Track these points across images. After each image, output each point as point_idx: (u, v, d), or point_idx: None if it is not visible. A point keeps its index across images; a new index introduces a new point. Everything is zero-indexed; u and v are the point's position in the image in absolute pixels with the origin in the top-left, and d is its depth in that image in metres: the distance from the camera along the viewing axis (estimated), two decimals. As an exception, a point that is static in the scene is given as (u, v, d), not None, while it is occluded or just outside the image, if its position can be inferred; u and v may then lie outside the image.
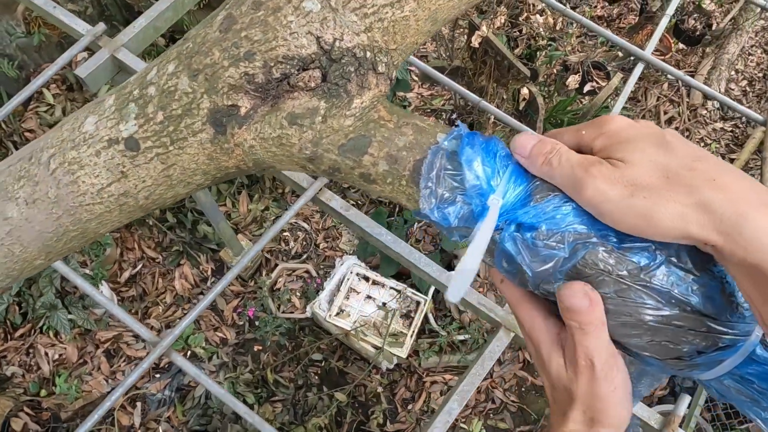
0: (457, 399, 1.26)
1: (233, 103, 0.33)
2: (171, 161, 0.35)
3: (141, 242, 2.79)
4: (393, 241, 1.36)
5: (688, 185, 0.32)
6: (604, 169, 0.33)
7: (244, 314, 2.75)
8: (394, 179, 0.34)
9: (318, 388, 2.72)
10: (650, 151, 0.33)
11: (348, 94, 0.33)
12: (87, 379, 2.45)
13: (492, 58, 1.82)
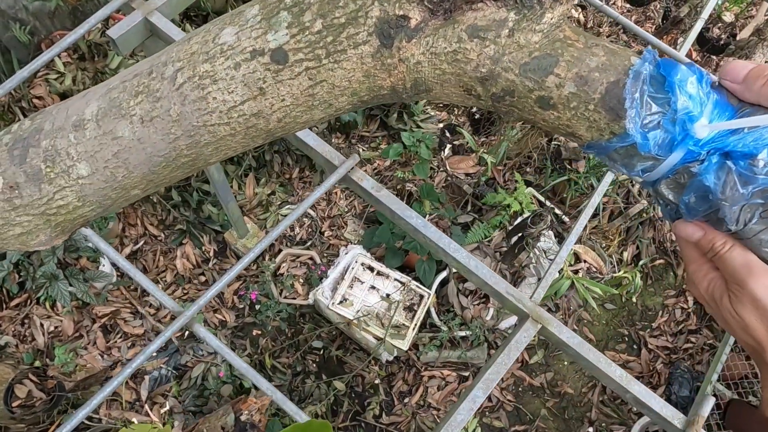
0: (482, 387, 1.24)
1: (405, 13, 0.31)
2: (321, 77, 0.33)
3: (144, 219, 2.74)
4: (423, 224, 1.34)
5: None
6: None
7: (245, 297, 2.71)
8: (580, 103, 0.32)
9: (316, 376, 2.69)
10: None
11: (541, 5, 0.31)
12: (82, 353, 2.40)
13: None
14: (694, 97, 0.30)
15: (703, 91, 0.31)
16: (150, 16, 1.37)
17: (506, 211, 2.84)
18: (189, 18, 2.86)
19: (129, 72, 0.37)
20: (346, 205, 3.06)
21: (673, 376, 2.78)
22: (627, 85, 0.31)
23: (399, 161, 3.08)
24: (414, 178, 2.98)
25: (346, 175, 1.31)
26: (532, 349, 2.91)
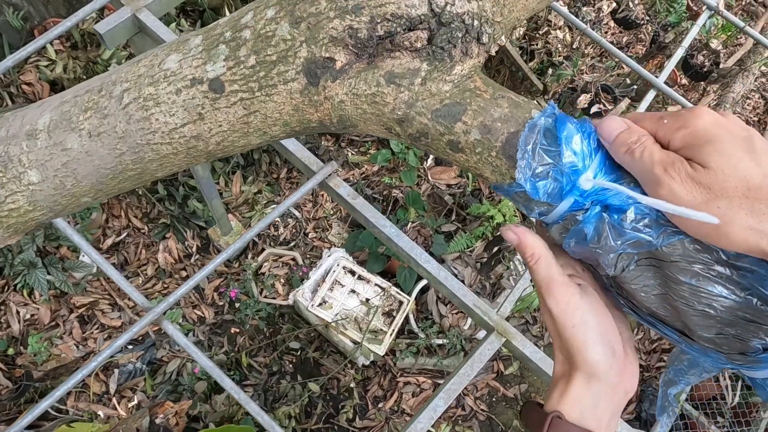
0: (443, 396, 1.27)
1: (331, 55, 0.33)
2: (254, 108, 0.35)
3: (128, 211, 2.74)
4: (396, 234, 1.36)
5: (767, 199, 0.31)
6: (683, 173, 0.33)
7: (225, 295, 2.72)
8: (484, 149, 0.34)
9: (291, 377, 2.70)
10: (735, 156, 0.32)
11: (451, 59, 0.33)
12: (57, 342, 2.40)
13: (507, 67, 1.84)
14: (578, 153, 0.33)
15: (589, 147, 0.34)
16: (139, 13, 1.39)
17: (489, 222, 2.87)
18: (185, 12, 2.88)
19: (82, 87, 0.39)
20: (332, 208, 3.08)
21: (644, 393, 2.82)
22: (521, 137, 0.34)
23: (387, 167, 3.10)
24: (401, 185, 3.01)
25: (324, 181, 1.33)
26: (507, 360, 2.94)
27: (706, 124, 0.34)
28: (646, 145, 0.34)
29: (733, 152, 0.33)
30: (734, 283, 0.33)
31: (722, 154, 0.33)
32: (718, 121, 0.34)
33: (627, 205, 0.33)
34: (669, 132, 0.35)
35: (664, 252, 0.33)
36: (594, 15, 2.62)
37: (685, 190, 0.33)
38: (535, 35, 1.86)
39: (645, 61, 2.42)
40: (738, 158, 0.32)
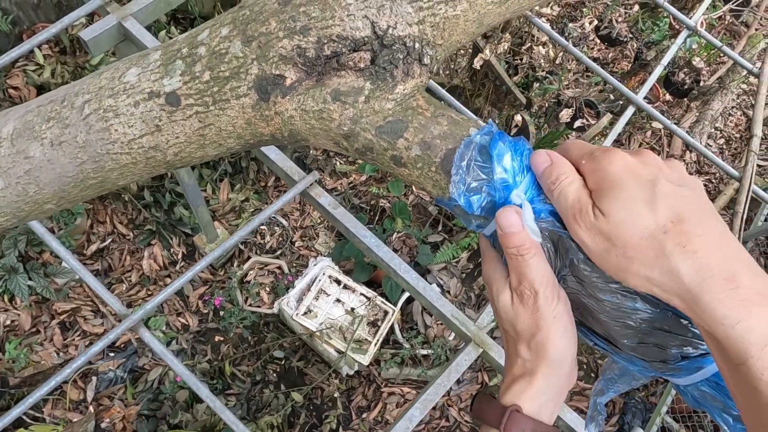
0: (419, 407, 1.27)
1: (281, 73, 0.35)
2: (209, 121, 0.36)
3: (114, 217, 2.73)
4: (376, 244, 1.38)
5: (659, 250, 0.33)
6: (588, 221, 0.35)
7: (210, 303, 2.71)
8: (424, 165, 0.36)
9: (275, 386, 2.69)
10: (633, 208, 0.34)
11: (393, 79, 0.35)
12: (37, 349, 2.37)
13: (491, 81, 1.87)
14: (509, 170, 0.35)
15: (521, 164, 0.36)
16: (124, 21, 1.40)
17: (475, 234, 2.89)
18: (176, 20, 2.89)
19: (47, 97, 0.40)
20: (319, 217, 3.09)
21: (627, 406, 2.84)
22: (457, 153, 0.35)
23: (375, 177, 3.12)
24: (389, 195, 3.03)
25: (305, 191, 1.35)
26: (492, 372, 2.95)
27: (616, 169, 0.36)
28: (563, 187, 0.36)
29: (632, 203, 0.34)
30: (649, 299, 0.35)
31: (622, 205, 0.34)
32: (628, 166, 0.36)
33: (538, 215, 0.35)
34: (586, 172, 0.37)
35: (584, 273, 0.35)
36: (580, 31, 2.67)
37: (589, 238, 0.35)
38: (520, 50, 1.90)
39: (628, 77, 2.46)
40: (635, 210, 0.34)
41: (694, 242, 0.33)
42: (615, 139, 3.08)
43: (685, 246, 0.33)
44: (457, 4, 0.35)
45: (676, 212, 0.34)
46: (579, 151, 0.38)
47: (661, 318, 0.35)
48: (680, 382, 0.38)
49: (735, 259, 0.33)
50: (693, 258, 0.32)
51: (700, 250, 0.32)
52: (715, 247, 0.33)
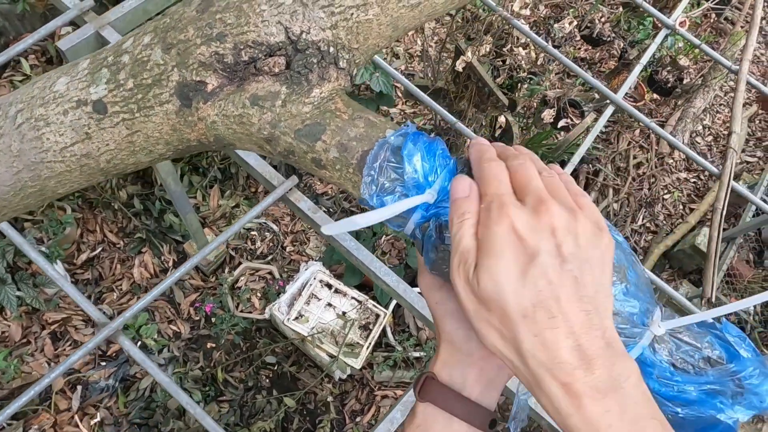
0: (401, 409, 1.27)
1: (201, 79, 0.36)
2: (136, 128, 0.37)
3: (104, 225, 2.74)
4: (356, 247, 1.38)
5: (514, 332, 0.34)
6: (464, 278, 0.35)
7: (201, 309, 2.71)
8: (342, 166, 0.37)
9: (268, 392, 2.68)
10: (501, 284, 0.34)
11: (309, 82, 0.36)
12: (28, 360, 2.37)
13: (474, 83, 1.88)
14: (419, 170, 0.35)
15: (432, 164, 0.36)
16: (102, 30, 1.40)
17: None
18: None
19: (-15, 108, 0.41)
20: (310, 222, 3.09)
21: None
22: (370, 155, 0.36)
23: (365, 181, 3.13)
24: (378, 199, 3.03)
25: (284, 196, 1.35)
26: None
27: (500, 232, 0.34)
28: (462, 228, 0.35)
29: (503, 278, 0.34)
30: None
31: (491, 277, 0.34)
32: (514, 230, 0.34)
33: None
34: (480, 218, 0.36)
35: None
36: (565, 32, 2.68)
37: (463, 293, 0.36)
38: (502, 52, 1.91)
39: (612, 77, 2.48)
40: (503, 286, 0.34)
41: (545, 333, 0.33)
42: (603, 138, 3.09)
43: (537, 335, 0.33)
44: (368, 9, 0.36)
45: (539, 298, 0.33)
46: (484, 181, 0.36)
47: None
48: None
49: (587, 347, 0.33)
50: (542, 348, 0.33)
51: (548, 341, 0.33)
52: (566, 339, 0.33)
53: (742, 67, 1.68)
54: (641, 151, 3.19)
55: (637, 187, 3.06)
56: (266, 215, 3.10)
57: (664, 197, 3.16)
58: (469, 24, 2.05)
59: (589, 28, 2.36)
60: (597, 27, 2.33)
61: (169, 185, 2.12)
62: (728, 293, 2.68)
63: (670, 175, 3.31)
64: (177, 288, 2.77)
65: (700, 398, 0.33)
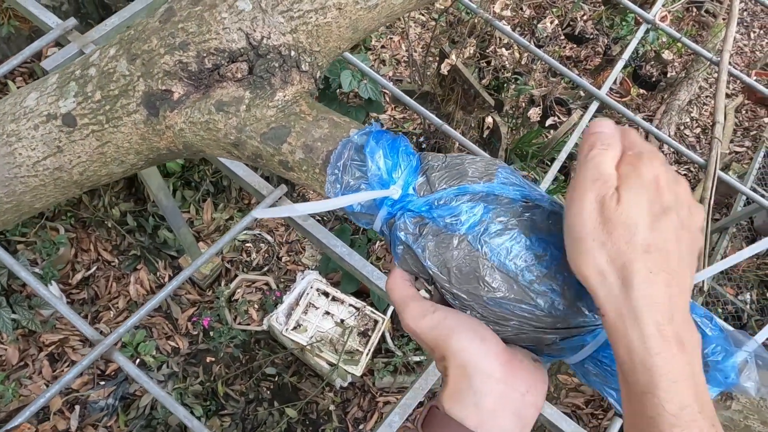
0: (399, 412, 1.27)
1: (167, 88, 0.36)
2: (106, 139, 0.37)
3: (98, 244, 2.73)
4: (348, 253, 1.38)
5: (630, 260, 0.35)
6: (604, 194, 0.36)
7: (199, 324, 2.70)
8: (309, 167, 0.37)
9: (269, 403, 2.67)
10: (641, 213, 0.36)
11: (271, 86, 0.36)
12: (26, 383, 2.36)
13: (459, 86, 1.89)
14: (382, 168, 0.36)
15: (395, 161, 0.37)
16: (86, 48, 1.41)
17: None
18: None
19: (-41, 127, 0.41)
20: (305, 231, 3.09)
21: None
22: (334, 154, 0.36)
23: (357, 188, 3.13)
24: (371, 205, 3.04)
25: (274, 204, 1.36)
26: (486, 374, 2.94)
27: (650, 174, 0.37)
28: (605, 153, 0.38)
29: (643, 210, 0.36)
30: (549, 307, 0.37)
31: (635, 204, 0.36)
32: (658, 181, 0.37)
33: (419, 211, 0.36)
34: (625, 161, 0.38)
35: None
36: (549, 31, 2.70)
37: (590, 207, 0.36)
38: (486, 53, 1.93)
39: (597, 73, 2.50)
40: (641, 216, 0.36)
41: (659, 275, 0.35)
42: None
43: (651, 272, 0.35)
44: (327, 12, 0.36)
45: (664, 245, 0.36)
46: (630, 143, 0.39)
47: (551, 318, 0.36)
48: (569, 360, 0.39)
49: (678, 309, 0.35)
50: (651, 285, 0.35)
51: (658, 283, 0.35)
52: (670, 290, 0.35)
53: (722, 58, 1.69)
54: (631, 146, 3.21)
55: (628, 181, 3.07)
56: (260, 226, 3.10)
57: (656, 190, 3.17)
58: (453, 27, 2.07)
59: (570, 26, 2.38)
60: (579, 25, 2.35)
61: (161, 200, 2.13)
62: (724, 283, 2.69)
63: (661, 168, 3.33)
64: (174, 303, 2.77)
65: None
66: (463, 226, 0.36)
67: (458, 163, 0.37)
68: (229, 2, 0.36)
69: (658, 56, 2.69)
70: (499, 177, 0.37)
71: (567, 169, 2.96)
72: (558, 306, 0.36)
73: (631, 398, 0.34)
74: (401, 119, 3.36)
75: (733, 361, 0.35)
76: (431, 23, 2.87)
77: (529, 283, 0.36)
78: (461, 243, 0.36)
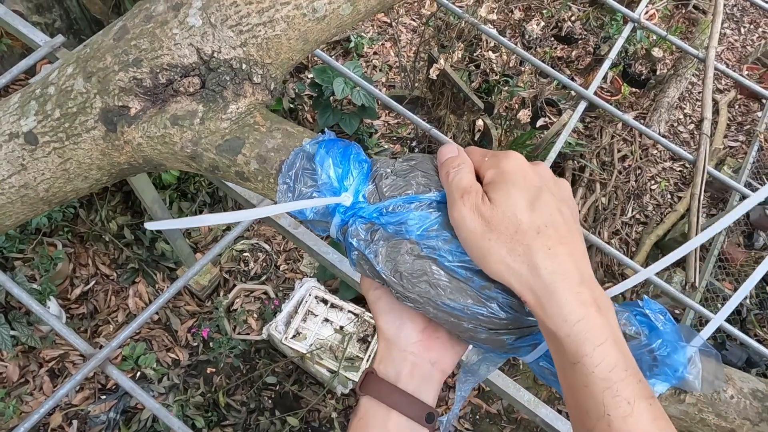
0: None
1: (124, 104, 0.37)
2: (67, 155, 0.38)
3: (96, 258, 2.74)
4: (339, 259, 1.39)
5: (528, 245, 0.37)
6: (474, 202, 0.38)
7: (198, 335, 2.71)
8: (263, 177, 0.38)
9: (271, 413, 2.67)
10: (517, 203, 0.38)
11: (224, 99, 0.37)
12: (27, 399, 2.36)
13: (449, 90, 1.90)
14: (331, 176, 0.37)
15: (345, 168, 0.37)
16: (75, 68, 1.42)
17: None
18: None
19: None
20: (302, 239, 3.09)
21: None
22: (285, 164, 0.37)
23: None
24: (368, 211, 3.04)
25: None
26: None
27: (511, 168, 0.40)
28: (460, 171, 0.40)
29: (518, 199, 0.38)
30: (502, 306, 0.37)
31: (508, 198, 0.38)
32: (522, 168, 0.40)
33: (370, 217, 0.37)
34: (485, 168, 0.41)
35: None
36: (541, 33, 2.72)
37: (470, 217, 0.38)
38: (474, 57, 1.93)
39: (586, 73, 2.50)
40: (519, 205, 0.38)
41: (557, 248, 0.37)
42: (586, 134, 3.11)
43: (550, 248, 0.37)
44: (275, 25, 0.37)
45: (551, 220, 0.38)
46: (481, 154, 0.42)
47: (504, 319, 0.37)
48: (525, 359, 0.39)
49: (585, 272, 0.38)
50: (554, 259, 0.37)
51: (560, 255, 0.37)
52: (573, 257, 0.37)
53: (708, 54, 1.69)
54: (625, 144, 3.22)
55: (623, 179, 3.07)
56: (258, 235, 3.11)
57: (652, 188, 3.17)
58: (441, 32, 2.08)
59: (558, 27, 2.39)
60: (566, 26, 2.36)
61: (156, 213, 2.14)
62: (722, 278, 2.68)
63: (656, 165, 3.33)
64: (173, 315, 2.77)
65: None
66: (414, 232, 0.36)
67: (407, 169, 0.38)
68: (180, 18, 0.36)
69: (648, 54, 2.70)
70: None
71: (561, 169, 2.96)
72: (508, 308, 0.37)
73: (566, 373, 0.36)
74: (395, 124, 3.38)
75: (682, 356, 0.35)
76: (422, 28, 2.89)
77: (480, 288, 0.37)
78: (412, 248, 0.36)
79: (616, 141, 3.12)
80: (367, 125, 3.18)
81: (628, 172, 3.12)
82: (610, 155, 3.07)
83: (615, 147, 3.08)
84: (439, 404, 2.84)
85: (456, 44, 1.91)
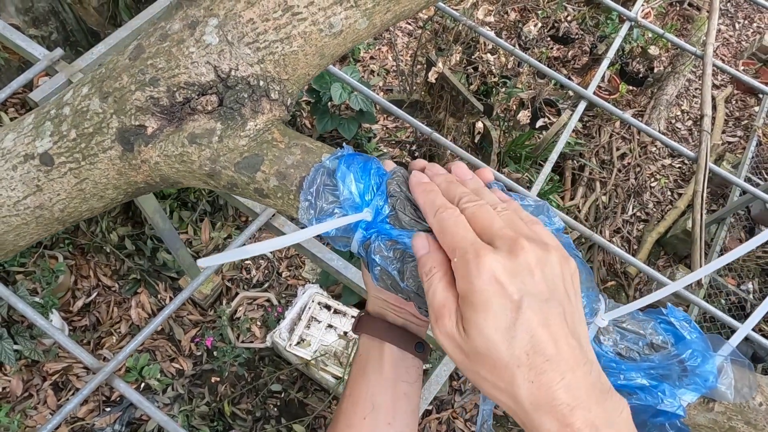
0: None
1: (141, 123, 0.37)
2: (83, 176, 0.38)
3: (97, 270, 2.73)
4: (344, 266, 1.39)
5: (509, 381, 0.34)
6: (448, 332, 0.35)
7: (202, 344, 2.70)
8: (283, 194, 0.37)
9: (276, 420, 2.66)
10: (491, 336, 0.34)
11: (242, 117, 0.37)
12: (31, 413, 2.35)
13: (448, 93, 1.90)
14: (353, 192, 0.36)
15: (366, 183, 0.37)
16: (73, 78, 1.42)
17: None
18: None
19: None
20: (303, 245, 3.09)
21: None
22: (306, 180, 0.37)
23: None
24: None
25: (268, 222, 1.36)
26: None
27: (482, 284, 0.34)
28: (433, 282, 0.36)
29: (492, 331, 0.34)
30: None
31: (481, 331, 0.34)
32: (497, 280, 0.34)
33: (392, 236, 0.37)
34: (456, 272, 0.36)
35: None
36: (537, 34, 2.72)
37: (449, 347, 0.36)
38: (472, 60, 1.94)
39: (584, 72, 2.51)
40: (493, 338, 0.34)
41: (541, 378, 0.34)
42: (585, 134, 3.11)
43: (533, 382, 0.34)
44: (292, 41, 0.37)
45: (532, 343, 0.34)
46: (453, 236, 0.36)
47: None
48: None
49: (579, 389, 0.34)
50: (538, 391, 0.33)
51: (545, 384, 0.33)
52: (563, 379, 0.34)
53: (706, 51, 1.71)
54: (624, 142, 3.22)
55: (623, 177, 3.08)
56: (259, 243, 3.10)
57: (652, 185, 3.18)
58: (438, 35, 2.08)
59: (555, 27, 2.40)
60: (563, 26, 2.37)
61: (157, 223, 2.13)
62: (725, 273, 2.68)
63: (655, 162, 3.34)
64: (176, 325, 2.76)
65: (646, 385, 0.34)
66: None
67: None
68: (196, 37, 0.36)
69: (644, 52, 2.71)
70: None
71: (561, 169, 2.97)
72: None
73: None
74: (394, 128, 3.38)
75: (712, 365, 0.35)
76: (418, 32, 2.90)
77: None
78: None
79: (615, 139, 3.13)
80: (366, 130, 3.18)
81: (627, 170, 3.13)
82: (609, 154, 3.08)
83: (614, 145, 3.08)
84: (446, 407, 2.83)
85: (454, 47, 1.91)
